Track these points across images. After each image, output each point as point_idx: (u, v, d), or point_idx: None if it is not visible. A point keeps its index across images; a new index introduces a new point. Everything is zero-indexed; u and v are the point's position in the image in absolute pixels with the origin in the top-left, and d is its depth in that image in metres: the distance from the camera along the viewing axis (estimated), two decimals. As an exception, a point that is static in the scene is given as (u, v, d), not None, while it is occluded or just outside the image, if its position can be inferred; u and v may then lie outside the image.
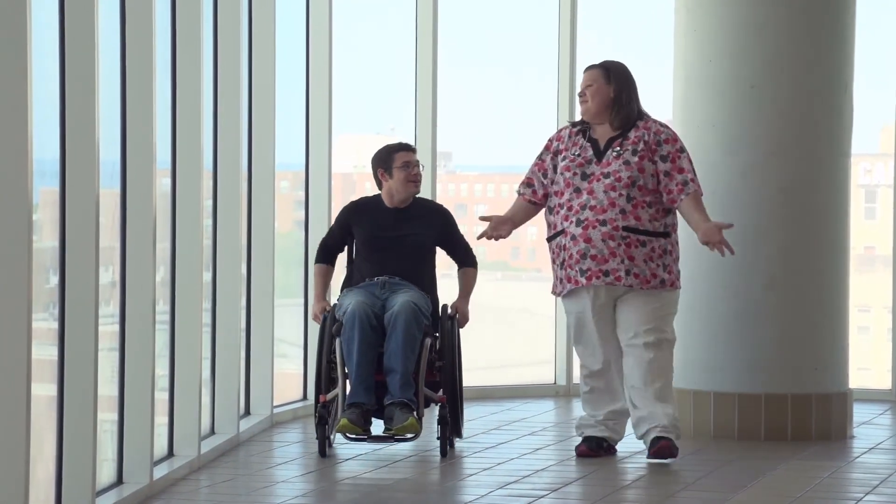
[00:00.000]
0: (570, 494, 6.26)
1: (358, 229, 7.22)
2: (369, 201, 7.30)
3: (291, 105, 8.49)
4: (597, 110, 6.86)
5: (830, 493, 6.48)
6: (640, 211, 6.77)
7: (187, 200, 6.81)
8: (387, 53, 9.66)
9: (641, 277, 6.79)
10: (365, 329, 6.87)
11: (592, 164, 6.81)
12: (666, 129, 6.90)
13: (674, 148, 6.84)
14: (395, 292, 7.03)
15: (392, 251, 7.13)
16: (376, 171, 7.22)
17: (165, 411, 6.73)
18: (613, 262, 6.76)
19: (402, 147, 7.24)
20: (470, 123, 9.91)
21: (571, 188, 6.81)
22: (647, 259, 6.80)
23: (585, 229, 6.77)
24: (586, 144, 6.86)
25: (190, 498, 6.18)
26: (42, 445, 5.37)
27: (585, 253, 6.78)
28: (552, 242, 6.93)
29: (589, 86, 6.87)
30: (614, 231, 6.74)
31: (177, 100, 6.79)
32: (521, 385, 9.60)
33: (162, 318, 6.64)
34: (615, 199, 6.76)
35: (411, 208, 7.24)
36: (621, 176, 6.76)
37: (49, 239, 5.56)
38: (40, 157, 5.22)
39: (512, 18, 9.88)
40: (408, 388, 6.83)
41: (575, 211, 6.79)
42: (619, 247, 6.75)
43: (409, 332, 6.86)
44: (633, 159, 6.78)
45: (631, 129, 6.85)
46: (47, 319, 5.56)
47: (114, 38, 6.06)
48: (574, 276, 6.84)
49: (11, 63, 4.81)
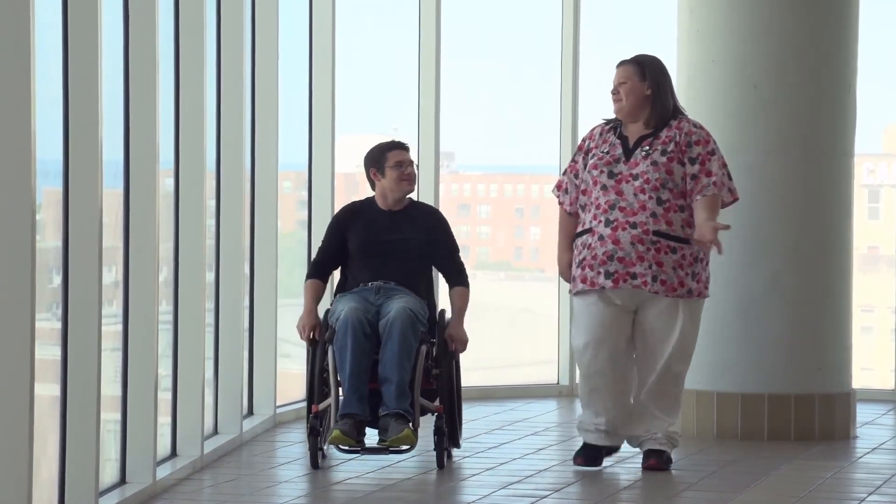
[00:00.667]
0: (572, 495, 6.26)
1: (352, 234, 6.91)
2: (362, 204, 7.02)
3: (294, 105, 8.48)
4: (631, 109, 6.51)
5: (833, 493, 6.48)
6: (671, 215, 6.47)
7: (190, 200, 6.81)
8: (390, 53, 9.66)
9: (668, 285, 6.47)
10: (358, 336, 6.60)
11: (620, 162, 6.49)
12: (698, 131, 6.54)
13: (705, 150, 6.52)
14: (390, 298, 6.76)
15: (387, 255, 6.84)
16: (369, 171, 6.95)
17: (168, 411, 6.73)
18: (640, 267, 6.44)
19: (394, 145, 6.94)
20: (473, 123, 9.91)
21: (599, 186, 6.50)
22: (676, 266, 6.48)
23: (615, 230, 6.45)
24: (616, 142, 6.53)
25: (193, 498, 6.18)
26: (45, 445, 5.37)
27: (612, 254, 6.46)
28: (578, 240, 6.61)
29: (622, 83, 6.50)
30: (644, 235, 6.43)
31: (180, 100, 6.79)
32: (523, 385, 9.60)
33: (165, 318, 6.64)
34: (645, 202, 6.44)
35: (407, 210, 6.94)
36: (650, 178, 6.45)
37: (52, 239, 5.56)
38: (43, 157, 5.21)
39: (515, 18, 9.88)
40: (403, 399, 6.57)
41: (603, 210, 6.48)
42: (648, 251, 6.44)
43: (405, 339, 6.58)
44: (661, 160, 6.45)
45: (664, 128, 6.51)
46: (50, 319, 5.56)
47: (117, 38, 6.06)
48: (592, 278, 6.51)
49: (14, 63, 4.81)
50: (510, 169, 10.45)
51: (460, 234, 10.84)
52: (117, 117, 6.09)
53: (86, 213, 5.49)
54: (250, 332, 7.89)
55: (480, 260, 10.89)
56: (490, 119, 9.93)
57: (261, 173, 7.94)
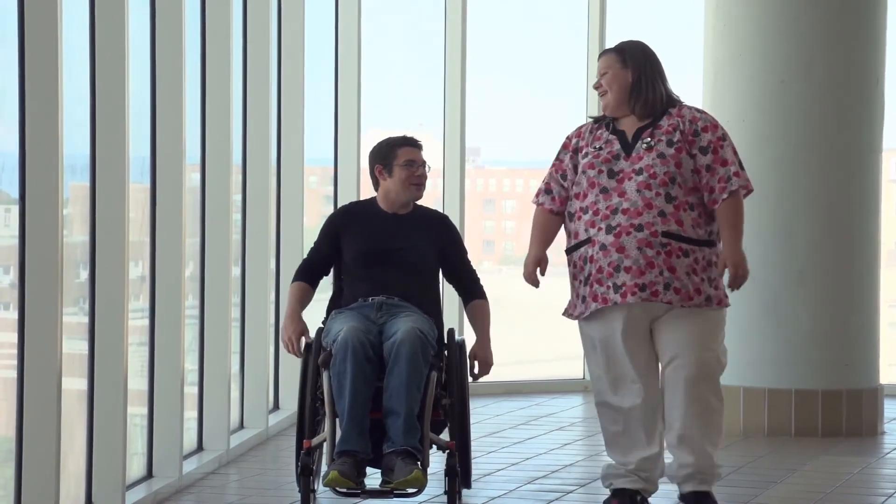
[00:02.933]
0: (598, 490, 6.24)
1: (349, 239, 5.88)
2: (362, 206, 6.03)
3: (320, 100, 8.49)
4: (617, 100, 5.60)
5: (861, 489, 6.46)
6: (682, 214, 5.51)
7: (216, 195, 6.82)
8: (416, 48, 9.66)
9: (683, 293, 5.50)
10: (360, 361, 5.55)
11: (621, 159, 5.55)
12: (704, 116, 5.62)
13: (714, 136, 5.57)
14: (394, 316, 5.74)
15: (390, 266, 5.83)
16: (373, 168, 5.94)
17: (195, 406, 6.75)
18: (651, 275, 5.48)
19: (406, 141, 5.94)
20: (498, 118, 9.91)
21: (597, 189, 5.56)
22: (689, 272, 5.51)
23: (618, 237, 5.50)
24: (611, 137, 5.61)
25: (219, 492, 6.19)
26: (72, 439, 5.39)
27: (619, 265, 5.50)
28: (574, 254, 5.66)
29: (604, 73, 5.64)
30: (652, 237, 5.48)
31: (206, 95, 6.81)
32: (548, 380, 9.60)
33: (191, 313, 6.66)
34: (651, 200, 5.49)
35: (412, 215, 5.95)
36: (656, 172, 5.50)
37: (79, 234, 5.58)
38: (71, 152, 5.24)
39: (541, 13, 9.87)
40: (412, 434, 5.53)
41: (603, 216, 5.53)
42: (658, 256, 5.48)
43: (415, 365, 5.56)
44: (668, 151, 5.52)
45: (663, 117, 5.59)
46: (77, 314, 5.58)
47: (144, 35, 6.08)
48: (604, 294, 5.54)
49: (43, 60, 4.83)
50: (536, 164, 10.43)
51: (486, 230, 10.86)
52: (144, 113, 6.10)
53: (113, 208, 5.50)
54: (276, 327, 7.90)
55: (506, 255, 10.89)
56: (516, 114, 9.93)
57: (287, 168, 7.95)
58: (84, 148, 5.51)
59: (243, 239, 7.43)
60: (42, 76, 4.82)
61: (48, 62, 4.82)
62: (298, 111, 7.95)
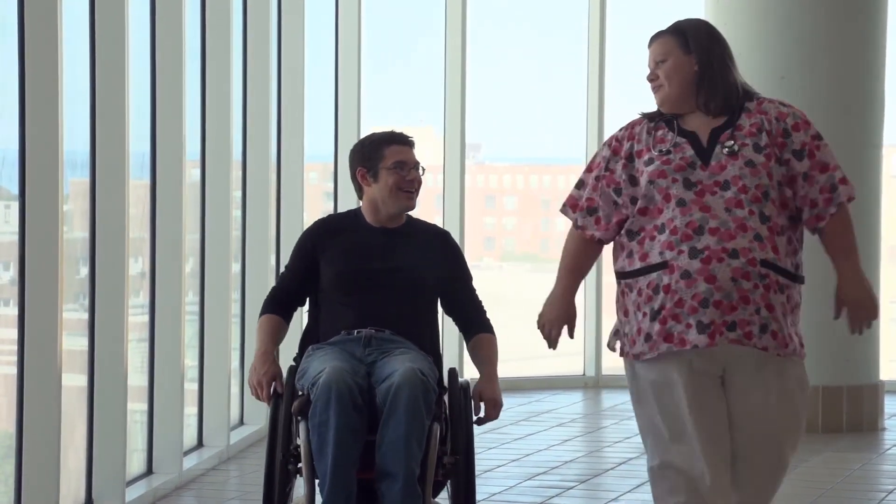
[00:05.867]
0: (599, 486, 6.25)
1: (328, 259, 4.78)
2: (344, 219, 4.93)
3: (320, 96, 8.49)
4: (679, 95, 4.37)
5: (861, 484, 6.45)
6: (777, 238, 4.32)
7: (216, 191, 6.82)
8: (416, 44, 9.66)
9: (780, 338, 4.29)
10: (346, 409, 4.47)
11: (697, 168, 4.29)
12: (792, 110, 4.45)
13: (808, 135, 4.40)
14: (386, 353, 4.68)
15: (379, 291, 4.74)
16: (355, 172, 4.85)
17: (195, 402, 6.75)
18: (744, 312, 4.23)
19: (393, 138, 4.83)
20: (499, 115, 9.91)
21: (674, 202, 4.28)
22: (784, 312, 4.33)
23: (706, 263, 4.22)
24: (679, 140, 4.33)
25: (219, 488, 6.19)
26: (73, 435, 5.39)
27: (707, 298, 4.21)
28: (639, 280, 4.30)
29: (661, 61, 4.40)
30: (750, 266, 4.23)
31: (206, 91, 6.81)
32: (549, 376, 9.60)
33: (191, 309, 6.66)
34: (745, 220, 4.25)
35: (405, 229, 4.86)
36: (746, 185, 4.27)
37: (79, 230, 5.58)
38: (71, 148, 5.23)
39: (540, 9, 9.86)
40: (412, 500, 4.48)
41: (685, 235, 4.25)
42: (756, 290, 4.24)
43: (415, 416, 4.49)
44: (758, 159, 4.30)
45: (741, 114, 4.38)
46: (77, 310, 5.58)
47: (144, 31, 6.08)
48: (681, 333, 4.22)
49: (43, 57, 4.83)
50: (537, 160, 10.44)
51: (486, 226, 10.86)
52: (144, 109, 6.10)
53: (113, 204, 5.51)
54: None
55: (507, 251, 10.89)
56: (516, 110, 9.93)
57: (287, 164, 7.95)
58: (84, 144, 5.51)
59: (243, 235, 7.43)
60: (42, 72, 4.82)
61: (48, 58, 4.82)
62: (298, 107, 7.95)
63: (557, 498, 6.01)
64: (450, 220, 9.18)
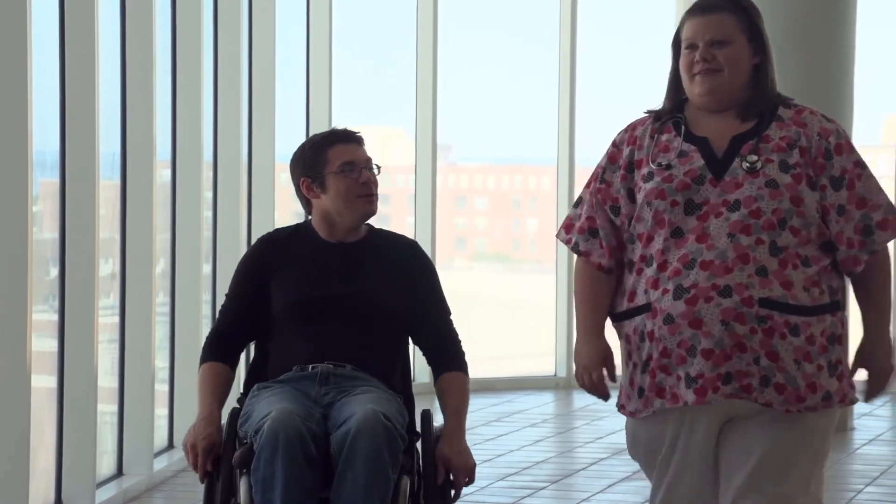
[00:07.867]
0: (571, 486, 6.26)
1: (278, 282, 4.07)
2: (294, 234, 4.19)
3: (292, 96, 8.48)
4: (736, 88, 3.61)
5: (831, 484, 6.48)
6: (790, 272, 3.54)
7: (187, 192, 6.80)
8: (387, 44, 9.65)
9: (790, 391, 3.52)
10: (296, 462, 3.78)
11: (706, 182, 3.55)
12: (836, 127, 3.67)
13: (850, 161, 3.60)
14: (345, 393, 3.95)
15: (337, 319, 4.02)
16: (299, 184, 4.17)
17: (165, 403, 6.73)
18: (740, 362, 3.51)
19: (336, 137, 4.12)
20: (471, 115, 9.91)
21: (666, 230, 3.55)
22: (802, 357, 3.53)
23: (691, 304, 3.50)
24: (688, 147, 3.58)
25: (190, 489, 6.17)
26: (42, 437, 5.37)
27: (694, 346, 3.51)
28: (626, 324, 3.61)
29: (719, 42, 3.59)
30: (745, 307, 3.49)
31: (177, 91, 6.79)
32: (520, 377, 9.60)
33: (162, 310, 6.64)
34: (749, 250, 3.52)
35: (366, 243, 4.13)
36: (761, 208, 3.53)
37: (49, 230, 5.56)
38: (40, 148, 5.21)
39: (512, 7, 9.87)
40: None
41: (673, 271, 3.53)
42: (754, 335, 3.50)
43: (378, 468, 3.80)
44: (783, 179, 3.55)
45: (772, 123, 3.65)
46: (47, 311, 5.56)
47: (114, 31, 6.06)
48: (672, 387, 3.53)
49: (12, 56, 4.81)
50: (507, 160, 10.45)
51: (457, 226, 10.87)
52: (114, 109, 6.08)
53: (82, 204, 5.49)
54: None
55: (478, 251, 10.90)
56: (488, 110, 9.94)
57: (258, 165, 7.94)
58: (54, 144, 5.49)
59: (214, 236, 7.41)
60: (11, 72, 4.80)
61: (17, 58, 4.80)
62: (269, 108, 7.94)
63: (529, 498, 6.01)
64: (421, 221, 9.18)
